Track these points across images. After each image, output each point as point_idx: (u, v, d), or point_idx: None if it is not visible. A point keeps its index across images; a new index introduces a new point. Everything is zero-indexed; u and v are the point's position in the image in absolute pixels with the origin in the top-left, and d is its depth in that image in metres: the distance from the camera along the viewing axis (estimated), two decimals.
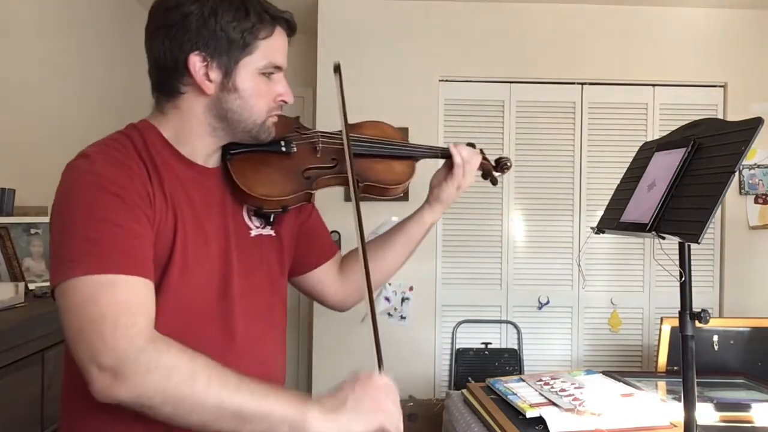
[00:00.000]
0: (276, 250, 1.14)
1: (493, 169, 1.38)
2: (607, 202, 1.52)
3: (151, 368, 0.82)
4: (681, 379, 1.20)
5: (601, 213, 1.53)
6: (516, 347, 3.50)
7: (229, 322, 1.01)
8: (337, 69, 1.15)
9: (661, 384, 2.00)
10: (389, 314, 3.46)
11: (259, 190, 1.06)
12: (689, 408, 1.19)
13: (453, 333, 3.49)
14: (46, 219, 2.12)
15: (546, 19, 3.53)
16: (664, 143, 1.37)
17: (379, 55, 3.42)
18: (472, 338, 3.51)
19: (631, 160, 1.52)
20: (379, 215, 3.14)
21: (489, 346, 3.49)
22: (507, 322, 3.52)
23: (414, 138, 3.33)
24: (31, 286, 1.87)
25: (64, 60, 2.77)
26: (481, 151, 1.34)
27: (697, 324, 1.18)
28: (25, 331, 1.51)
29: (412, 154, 1.27)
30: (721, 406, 1.71)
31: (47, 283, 1.93)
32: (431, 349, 3.49)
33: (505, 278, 3.52)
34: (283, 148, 1.11)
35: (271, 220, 1.12)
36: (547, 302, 3.52)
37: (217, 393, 0.83)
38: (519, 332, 3.50)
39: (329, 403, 0.89)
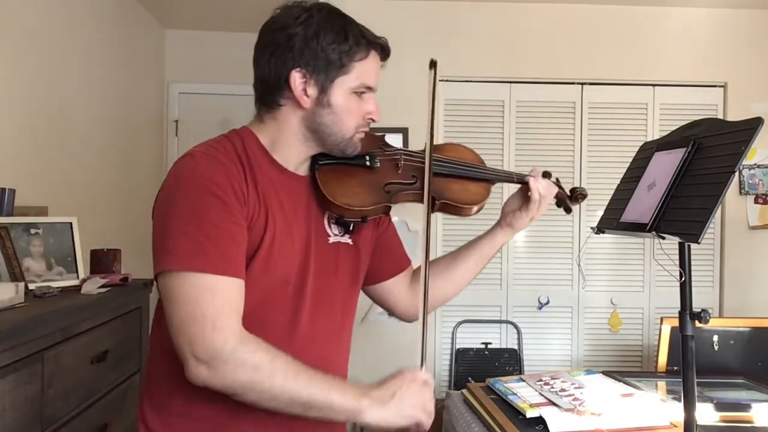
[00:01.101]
0: (351, 258, 1.21)
1: (567, 199, 1.43)
2: (607, 202, 1.52)
3: (240, 366, 0.95)
4: (681, 379, 1.20)
5: (601, 213, 1.53)
6: (516, 347, 3.50)
7: (296, 317, 1.10)
8: (433, 65, 1.25)
9: (661, 384, 2.00)
10: (389, 314, 3.45)
11: (342, 199, 1.13)
12: (689, 408, 1.19)
13: (453, 333, 3.49)
14: (46, 219, 2.13)
15: (546, 19, 3.53)
16: (664, 143, 1.37)
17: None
18: (472, 338, 3.51)
19: (631, 160, 1.52)
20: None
21: (489, 346, 3.49)
22: (507, 322, 3.52)
23: (414, 138, 3.37)
24: (31, 286, 1.87)
25: (64, 60, 2.77)
26: (557, 180, 1.40)
27: (697, 324, 1.18)
28: (25, 331, 1.51)
29: (487, 177, 1.34)
30: (721, 406, 1.71)
31: (47, 283, 1.93)
32: (431, 349, 3.49)
33: (505, 278, 3.52)
34: (368, 163, 1.19)
35: (351, 228, 1.20)
36: (547, 302, 3.52)
37: (291, 387, 0.97)
38: (519, 332, 3.50)
39: (379, 394, 1.01)
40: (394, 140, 1.33)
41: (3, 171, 2.24)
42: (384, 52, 1.15)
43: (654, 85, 3.56)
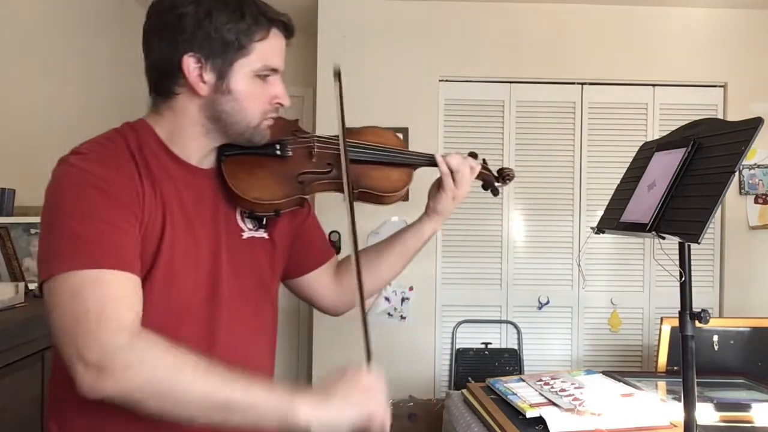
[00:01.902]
0: (268, 253, 1.13)
1: (494, 180, 1.36)
2: (607, 202, 1.52)
3: (136, 362, 0.82)
4: (681, 379, 1.20)
5: (601, 213, 1.53)
6: (516, 347, 3.50)
7: (213, 324, 1.01)
8: (337, 75, 1.14)
9: (661, 384, 2.00)
10: (389, 314, 3.46)
11: (251, 193, 1.05)
12: (689, 408, 1.19)
13: (453, 333, 3.49)
14: None
15: (546, 19, 3.53)
16: (664, 143, 1.37)
17: (379, 55, 3.42)
18: (472, 338, 3.51)
19: (631, 160, 1.52)
20: (380, 215, 3.13)
21: (489, 346, 3.49)
22: (507, 322, 3.52)
23: (414, 138, 3.37)
24: (31, 286, 1.87)
25: (64, 60, 2.77)
26: (484, 161, 1.33)
27: (697, 324, 1.18)
28: (25, 331, 1.51)
29: (408, 162, 1.26)
30: (721, 406, 1.71)
31: None
32: (431, 349, 3.48)
33: (505, 278, 3.52)
34: (278, 152, 1.10)
35: (264, 222, 1.12)
36: (547, 302, 3.52)
37: (203, 386, 0.84)
38: (519, 332, 3.50)
39: (318, 392, 0.90)
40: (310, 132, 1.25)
41: (3, 171, 2.24)
42: (287, 29, 1.04)
43: (654, 85, 3.56)
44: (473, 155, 1.31)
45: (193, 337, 0.97)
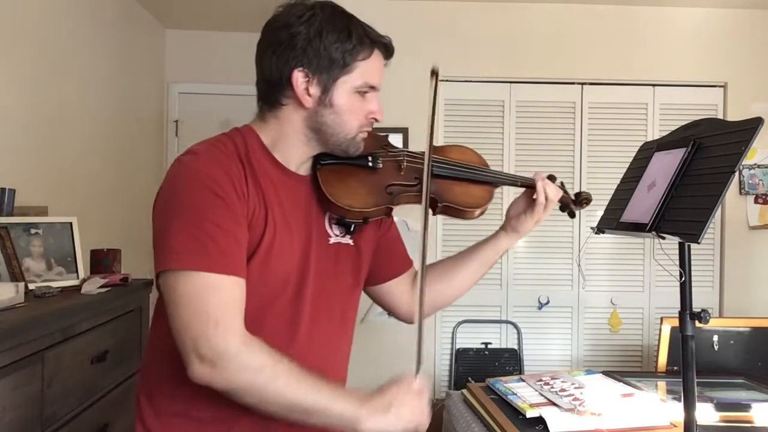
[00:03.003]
0: (352, 259, 1.20)
1: (572, 203, 1.42)
2: (607, 202, 1.52)
3: (243, 367, 0.95)
4: (681, 379, 1.20)
5: (601, 213, 1.53)
6: (516, 347, 3.50)
7: (296, 320, 1.09)
8: (434, 74, 1.19)
9: (661, 384, 2.00)
10: (389, 314, 3.45)
11: (343, 200, 1.12)
12: (689, 408, 1.19)
13: (453, 333, 3.49)
14: (46, 219, 2.13)
15: (546, 19, 3.53)
16: (664, 143, 1.37)
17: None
18: (472, 338, 3.51)
19: (631, 160, 1.52)
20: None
21: (489, 346, 3.49)
22: (507, 322, 3.52)
23: (414, 138, 3.37)
24: (31, 286, 1.87)
25: (64, 60, 2.77)
26: (562, 184, 1.39)
27: (697, 324, 1.18)
28: (25, 331, 1.51)
29: (491, 180, 1.32)
30: (721, 406, 1.71)
31: (47, 283, 1.93)
32: (431, 349, 3.49)
33: (505, 278, 3.52)
34: (370, 163, 1.18)
35: (352, 230, 1.19)
36: (547, 302, 3.52)
37: (293, 393, 0.96)
38: (519, 332, 3.50)
39: (377, 403, 1.00)
40: (395, 140, 1.31)
41: (3, 171, 2.24)
42: (387, 51, 1.14)
43: (654, 85, 3.56)
44: (552, 178, 1.37)
45: (275, 331, 1.06)
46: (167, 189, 1.03)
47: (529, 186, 1.33)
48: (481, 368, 3.40)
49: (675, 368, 2.14)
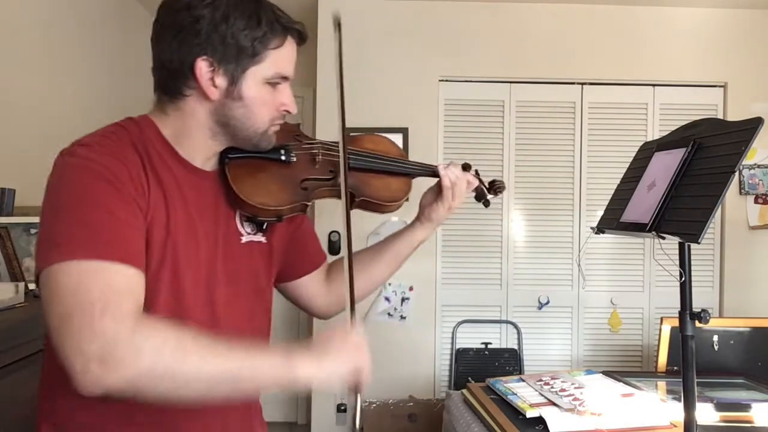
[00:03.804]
0: (265, 258, 1.13)
1: (487, 191, 1.38)
2: (607, 202, 1.52)
3: (142, 348, 0.80)
4: (681, 379, 1.20)
5: (601, 213, 1.53)
6: (516, 347, 3.50)
7: (213, 328, 0.99)
8: (337, 24, 1.13)
9: (661, 384, 2.00)
10: (389, 314, 3.46)
11: (255, 198, 1.04)
12: (689, 408, 1.19)
13: (453, 333, 3.49)
14: None
15: (546, 19, 3.53)
16: (664, 143, 1.37)
17: (379, 55, 3.42)
18: (472, 338, 3.51)
19: (631, 160, 1.52)
20: (380, 216, 3.14)
21: (489, 346, 3.49)
22: (507, 322, 3.52)
23: (414, 138, 3.37)
24: (31, 286, 1.87)
25: (64, 60, 2.77)
26: (477, 172, 1.35)
27: (697, 324, 1.18)
28: (25, 331, 1.51)
29: (408, 172, 1.27)
30: (721, 406, 1.71)
31: None
32: (431, 349, 3.49)
33: (505, 278, 3.52)
34: (283, 157, 1.10)
35: (264, 227, 1.12)
36: (547, 302, 3.52)
37: (211, 363, 0.84)
38: (519, 332, 3.50)
39: (312, 351, 0.92)
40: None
41: (3, 171, 2.24)
42: (301, 38, 1.04)
43: (654, 85, 3.56)
44: (467, 167, 1.32)
45: None
46: (53, 182, 0.90)
47: (437, 175, 1.27)
48: (481, 368, 3.40)
49: (675, 368, 2.14)
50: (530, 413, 1.60)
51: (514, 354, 3.48)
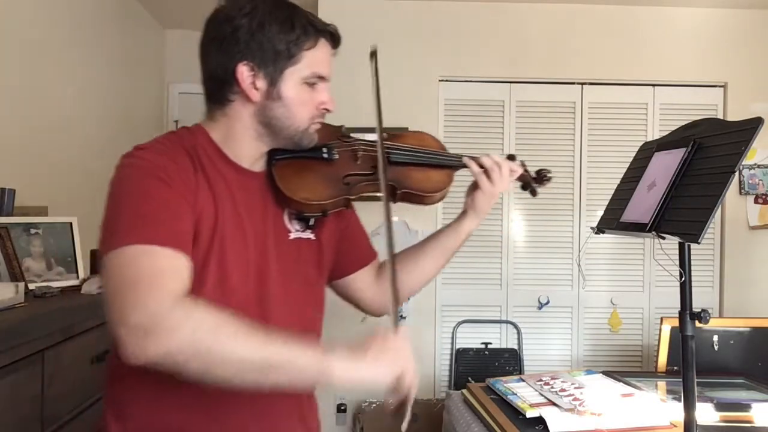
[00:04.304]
0: (314, 254, 1.17)
1: (532, 181, 1.39)
2: (607, 202, 1.52)
3: (179, 324, 0.85)
4: (681, 379, 1.21)
5: (601, 213, 1.53)
6: (516, 347, 3.50)
7: (264, 321, 1.03)
8: (373, 55, 1.20)
9: (661, 384, 2.00)
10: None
11: (299, 194, 1.10)
12: (689, 408, 1.19)
13: (453, 333, 3.49)
14: (46, 219, 2.13)
15: (546, 19, 3.53)
16: (664, 143, 1.37)
17: (379, 55, 3.41)
18: (472, 338, 3.51)
19: (631, 160, 1.52)
20: (380, 215, 3.13)
21: (489, 346, 3.49)
22: (507, 322, 3.52)
23: None
24: (31, 286, 1.87)
25: (64, 60, 2.77)
26: (523, 163, 1.36)
27: (697, 324, 1.19)
28: (25, 331, 1.51)
29: (447, 163, 1.30)
30: (721, 406, 1.71)
31: (47, 283, 1.93)
32: (431, 349, 3.49)
33: (505, 278, 3.52)
34: (325, 155, 1.16)
35: (311, 223, 1.16)
36: (547, 302, 3.52)
37: (242, 345, 0.87)
38: (519, 332, 3.50)
39: (351, 353, 0.93)
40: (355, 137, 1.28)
41: (3, 171, 2.23)
42: (334, 39, 1.11)
43: (654, 85, 3.56)
44: (511, 157, 1.34)
45: None
46: (115, 181, 0.99)
47: (479, 165, 1.30)
48: (481, 368, 3.40)
49: (675, 368, 2.14)
50: (530, 413, 1.60)
51: (514, 354, 3.48)
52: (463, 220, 1.31)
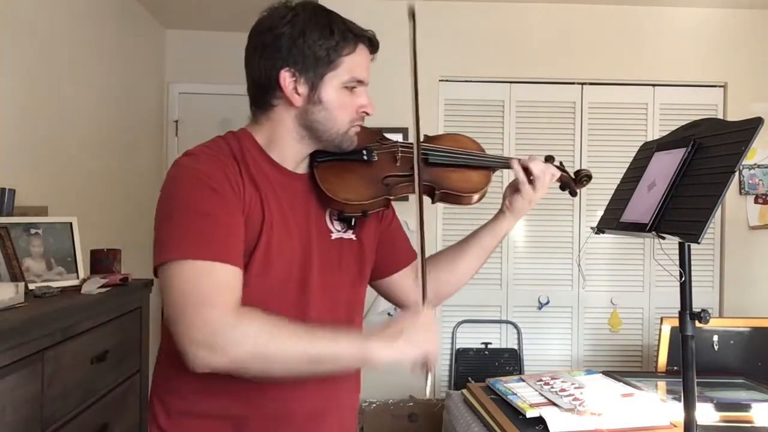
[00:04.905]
0: (356, 254, 1.21)
1: (572, 181, 1.41)
2: (607, 202, 1.52)
3: (241, 339, 0.95)
4: (681, 379, 1.20)
5: (601, 213, 1.53)
6: (516, 347, 3.50)
7: (304, 316, 1.09)
8: (411, 15, 1.23)
9: (661, 384, 2.00)
10: (389, 314, 3.46)
11: (341, 194, 1.14)
12: (689, 408, 1.19)
13: (453, 333, 3.49)
14: (46, 219, 2.13)
15: (546, 19, 3.53)
16: (664, 143, 1.37)
17: (380, 55, 3.40)
18: (472, 338, 3.51)
19: (631, 160, 1.52)
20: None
21: (489, 346, 3.49)
22: (507, 322, 3.52)
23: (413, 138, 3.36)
24: (31, 286, 1.87)
25: (64, 60, 2.77)
26: (561, 163, 1.38)
27: (697, 324, 1.18)
28: (25, 331, 1.51)
29: (486, 164, 1.32)
30: (721, 406, 1.71)
31: (47, 283, 1.93)
32: None
33: (505, 278, 3.52)
34: (365, 157, 1.19)
35: (353, 224, 1.20)
36: (547, 302, 3.52)
37: (297, 347, 0.98)
38: (519, 332, 3.50)
39: (386, 333, 1.03)
40: (394, 140, 1.30)
41: (3, 171, 2.24)
42: (372, 44, 1.17)
43: (654, 85, 3.56)
44: (550, 158, 1.36)
45: None
46: (165, 190, 1.05)
47: (524, 169, 1.32)
48: (481, 368, 3.40)
49: (675, 368, 2.14)
50: (530, 413, 1.60)
51: (514, 354, 3.48)
52: (501, 221, 1.34)
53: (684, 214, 1.17)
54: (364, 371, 1.21)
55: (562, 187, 1.41)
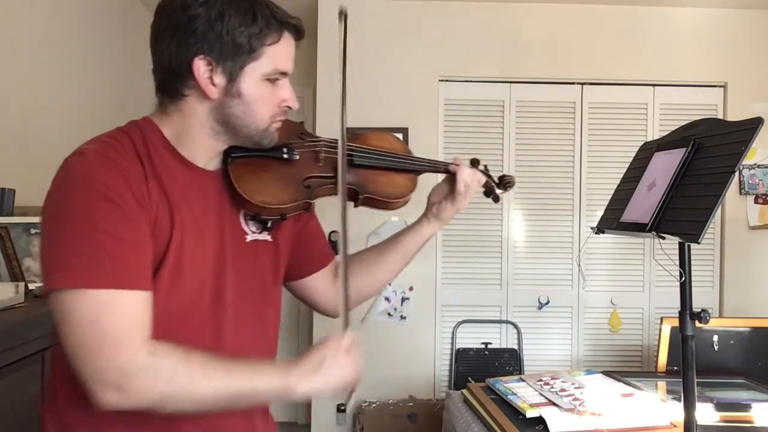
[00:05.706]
0: (271, 256, 1.13)
1: (496, 187, 1.37)
2: (607, 202, 1.52)
3: (153, 379, 0.87)
4: (681, 379, 1.20)
5: (601, 213, 1.53)
6: (516, 347, 3.50)
7: (219, 328, 1.02)
8: (342, 16, 1.11)
9: (661, 384, 2.00)
10: (389, 314, 3.46)
11: (258, 197, 1.04)
12: (689, 408, 1.19)
13: (453, 333, 3.49)
14: None
15: (546, 19, 3.53)
16: (664, 143, 1.37)
17: (379, 55, 3.42)
18: (472, 338, 3.51)
19: (631, 160, 1.52)
20: (380, 215, 3.14)
21: (489, 346, 3.49)
22: (507, 322, 3.52)
23: (414, 138, 3.37)
24: (31, 286, 1.87)
25: (65, 60, 2.77)
26: (486, 168, 1.34)
27: (697, 324, 1.18)
28: (25, 331, 1.51)
29: (414, 168, 1.25)
30: (721, 406, 1.71)
31: None
32: (431, 349, 3.49)
33: (505, 278, 3.52)
34: (285, 155, 1.09)
35: (269, 226, 1.11)
36: (547, 302, 3.52)
37: (216, 385, 0.91)
38: (519, 332, 3.50)
39: (306, 366, 0.97)
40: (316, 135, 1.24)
41: (3, 171, 2.24)
42: (298, 33, 1.03)
43: (654, 85, 3.56)
44: (475, 162, 1.32)
45: (199, 338, 0.98)
46: (54, 198, 0.91)
47: (449, 172, 1.27)
48: (481, 368, 3.40)
49: (675, 368, 2.14)
50: (530, 413, 1.60)
51: (514, 354, 3.48)
52: (425, 225, 1.29)
53: (684, 214, 1.17)
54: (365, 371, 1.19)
55: (486, 193, 1.36)
